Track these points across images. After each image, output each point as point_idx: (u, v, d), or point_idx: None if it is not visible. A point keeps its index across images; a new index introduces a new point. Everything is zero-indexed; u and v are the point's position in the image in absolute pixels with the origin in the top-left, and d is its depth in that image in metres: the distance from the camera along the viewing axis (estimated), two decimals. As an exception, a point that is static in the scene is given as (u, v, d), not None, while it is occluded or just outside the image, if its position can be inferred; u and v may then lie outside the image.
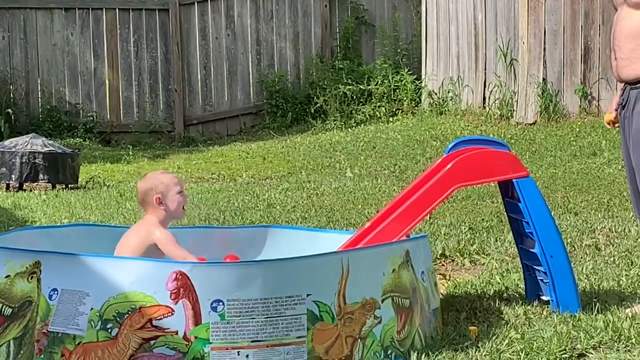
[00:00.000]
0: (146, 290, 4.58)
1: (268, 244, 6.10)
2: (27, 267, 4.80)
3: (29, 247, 5.24)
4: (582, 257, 6.76)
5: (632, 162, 5.54)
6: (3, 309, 4.81)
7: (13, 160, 11.37)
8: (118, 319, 4.57)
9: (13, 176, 11.36)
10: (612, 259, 6.74)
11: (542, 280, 5.63)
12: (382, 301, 4.84)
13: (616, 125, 5.73)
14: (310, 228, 7.22)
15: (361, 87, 16.40)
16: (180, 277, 4.57)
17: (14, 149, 11.45)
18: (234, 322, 4.55)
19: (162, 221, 5.33)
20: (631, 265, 6.50)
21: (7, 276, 4.83)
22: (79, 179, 11.75)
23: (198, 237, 6.06)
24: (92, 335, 4.60)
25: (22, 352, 4.75)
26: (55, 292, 4.71)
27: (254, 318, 4.56)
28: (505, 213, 6.02)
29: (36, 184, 11.36)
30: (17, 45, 16.58)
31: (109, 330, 4.58)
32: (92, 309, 4.61)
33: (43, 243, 5.61)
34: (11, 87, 16.47)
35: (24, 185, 11.36)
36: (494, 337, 5.02)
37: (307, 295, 4.63)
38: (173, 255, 5.14)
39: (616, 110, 5.66)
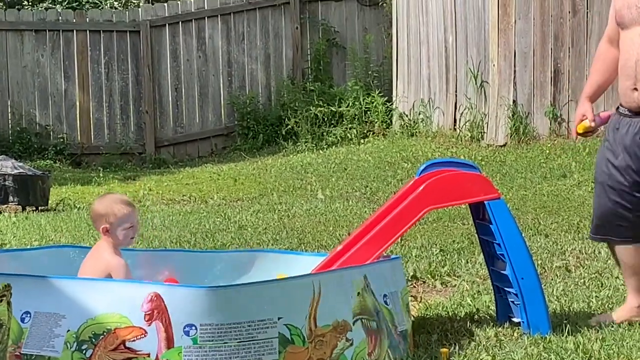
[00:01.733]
0: (122, 311, 4.59)
1: (245, 268, 6.10)
2: (-3, 291, 4.80)
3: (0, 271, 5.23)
4: (552, 279, 6.79)
5: None
6: (-27, 333, 4.81)
7: (-17, 182, 11.35)
8: (93, 340, 4.58)
9: (-17, 198, 11.34)
10: (582, 280, 6.77)
11: (512, 302, 5.65)
12: (354, 323, 4.85)
13: (587, 135, 5.70)
14: (284, 250, 7.24)
15: (332, 109, 16.44)
16: (155, 298, 4.58)
17: (-17, 171, 11.43)
18: (207, 347, 4.55)
19: (114, 246, 5.38)
20: (601, 287, 6.54)
21: (-23, 300, 4.83)
22: (50, 201, 11.71)
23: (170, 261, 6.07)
24: (67, 357, 4.61)
25: (-7, 375, 4.75)
26: (28, 315, 4.71)
27: (226, 342, 4.57)
28: (476, 235, 6.03)
29: (6, 206, 11.31)
30: (-13, 67, 16.56)
31: (84, 352, 4.58)
32: (68, 330, 4.62)
33: (13, 266, 5.61)
34: (-19, 108, 16.42)
35: (-6, 208, 11.34)
36: (465, 359, 5.04)
37: (279, 318, 4.64)
38: None
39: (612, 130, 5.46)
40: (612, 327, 5.53)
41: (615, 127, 5.42)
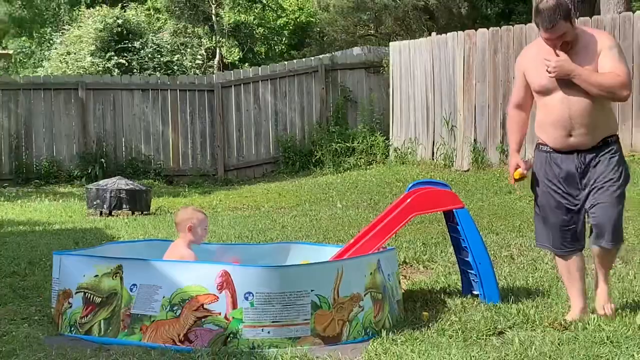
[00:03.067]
0: (201, 283, 4.62)
1: (285, 254, 6.11)
2: (111, 269, 4.83)
3: (114, 256, 5.26)
4: (501, 264, 6.77)
5: (594, 200, 4.81)
6: (93, 298, 4.83)
7: (105, 195, 11.41)
8: (182, 303, 4.61)
9: (105, 206, 11.40)
10: (522, 265, 6.75)
11: (473, 280, 5.64)
12: (364, 295, 4.85)
13: (522, 180, 5.12)
14: (313, 242, 7.25)
15: (347, 144, 16.43)
16: (224, 274, 4.61)
17: (105, 187, 11.50)
18: (260, 308, 4.57)
19: (188, 243, 5.43)
20: (536, 270, 6.52)
21: (96, 276, 4.87)
22: (151, 208, 11.77)
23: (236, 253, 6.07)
24: (163, 315, 4.64)
25: (110, 328, 4.77)
26: (135, 286, 4.75)
27: (274, 305, 4.58)
28: (448, 233, 6.03)
29: (121, 211, 11.38)
30: (108, 115, 16.64)
31: (175, 312, 4.61)
32: (164, 297, 4.65)
33: (125, 253, 5.64)
34: (104, 144, 16.50)
35: (112, 212, 11.38)
36: (440, 320, 5.03)
37: (311, 290, 4.65)
38: None
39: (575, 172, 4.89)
40: (544, 297, 5.51)
41: (550, 162, 4.93)
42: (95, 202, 11.42)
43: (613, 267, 6.36)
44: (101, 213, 11.35)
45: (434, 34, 15.37)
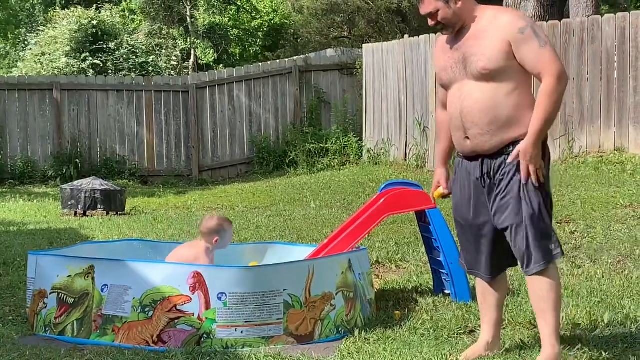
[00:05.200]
0: (173, 284, 4.59)
1: (262, 254, 6.10)
2: (83, 270, 4.79)
3: (89, 256, 5.22)
4: (472, 263, 6.77)
5: (503, 218, 3.96)
6: (67, 299, 4.79)
7: (79, 195, 11.32)
8: (153, 304, 4.57)
9: (79, 206, 11.31)
10: (493, 264, 6.75)
11: (445, 279, 5.65)
12: (336, 294, 4.85)
13: (445, 198, 4.45)
14: (286, 242, 7.24)
15: (321, 145, 16.43)
16: (196, 275, 4.58)
17: (80, 187, 11.41)
18: (233, 308, 4.55)
19: (211, 251, 5.31)
20: (506, 269, 6.52)
21: (69, 276, 4.83)
22: (125, 208, 11.69)
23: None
24: (134, 317, 4.59)
25: (83, 329, 4.73)
26: (106, 287, 4.71)
27: (247, 306, 4.56)
28: (420, 233, 6.03)
29: (95, 211, 11.29)
30: (83, 116, 16.53)
31: (147, 313, 4.57)
32: (134, 298, 4.61)
33: (100, 253, 5.60)
34: (79, 144, 16.39)
35: (87, 213, 11.29)
36: (412, 319, 5.03)
37: (284, 290, 4.64)
38: None
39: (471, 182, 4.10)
40: (514, 296, 5.52)
41: (461, 169, 4.14)
42: (69, 203, 11.33)
43: (581, 267, 6.41)
44: (76, 213, 11.26)
45: (406, 36, 15.40)
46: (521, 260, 3.97)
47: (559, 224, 7.90)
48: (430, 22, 4.06)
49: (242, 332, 4.53)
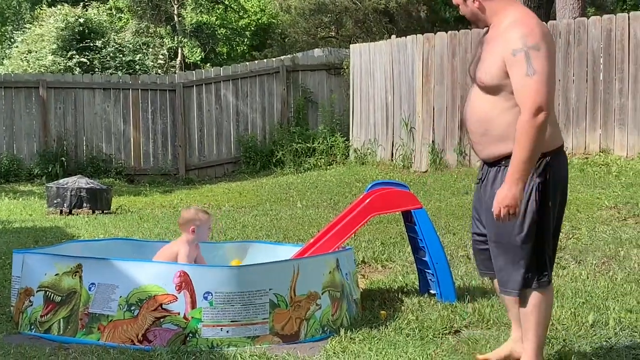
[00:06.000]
0: (159, 283, 4.58)
1: (247, 253, 6.09)
2: (71, 268, 4.78)
3: (74, 254, 5.21)
4: (458, 264, 6.79)
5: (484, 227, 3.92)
6: (54, 297, 4.78)
7: (65, 193, 11.28)
8: (139, 303, 4.56)
9: (65, 204, 11.26)
10: (478, 265, 6.77)
11: (430, 279, 5.66)
12: (322, 293, 4.85)
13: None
14: (272, 242, 7.23)
15: (308, 145, 16.42)
16: (182, 274, 4.57)
17: (66, 186, 11.37)
18: (219, 308, 4.54)
19: (190, 241, 5.35)
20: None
21: (57, 274, 4.81)
22: (111, 207, 11.65)
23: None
24: (120, 315, 4.58)
25: (69, 327, 4.71)
26: (94, 285, 4.69)
27: (233, 305, 4.56)
28: (406, 233, 6.04)
29: (81, 210, 11.25)
30: (69, 114, 16.46)
31: (132, 311, 4.56)
32: (120, 296, 4.60)
33: (85, 252, 5.58)
34: (65, 142, 16.31)
35: (73, 211, 11.25)
36: (397, 319, 5.04)
37: (270, 289, 4.63)
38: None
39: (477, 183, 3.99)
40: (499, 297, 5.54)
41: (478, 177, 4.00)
42: (55, 201, 11.29)
43: (565, 267, 6.44)
44: (61, 212, 11.22)
45: (393, 36, 15.42)
46: (497, 277, 3.88)
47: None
48: (461, 9, 3.88)
49: (227, 331, 4.52)
